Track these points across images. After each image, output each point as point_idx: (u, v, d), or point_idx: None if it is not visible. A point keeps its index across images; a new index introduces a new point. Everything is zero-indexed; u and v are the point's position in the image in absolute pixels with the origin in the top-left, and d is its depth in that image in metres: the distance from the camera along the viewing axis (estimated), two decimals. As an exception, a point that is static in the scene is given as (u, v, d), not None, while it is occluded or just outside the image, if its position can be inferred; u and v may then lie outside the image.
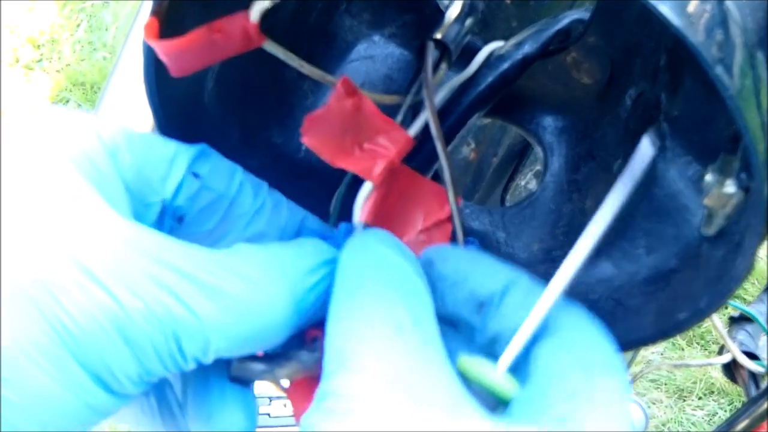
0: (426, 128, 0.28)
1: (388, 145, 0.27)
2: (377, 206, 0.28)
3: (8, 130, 0.22)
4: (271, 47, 0.26)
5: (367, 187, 0.28)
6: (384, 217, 0.28)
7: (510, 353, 0.23)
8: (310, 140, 0.27)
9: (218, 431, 0.24)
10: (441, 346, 0.22)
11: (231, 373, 0.24)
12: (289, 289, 0.23)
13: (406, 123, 0.29)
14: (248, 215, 0.27)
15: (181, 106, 0.28)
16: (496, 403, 0.23)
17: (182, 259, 0.21)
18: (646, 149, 0.25)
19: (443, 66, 0.30)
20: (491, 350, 0.24)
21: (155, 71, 0.26)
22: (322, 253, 0.25)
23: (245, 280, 0.22)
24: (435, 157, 0.29)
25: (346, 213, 0.29)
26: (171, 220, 0.26)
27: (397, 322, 0.21)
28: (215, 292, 0.21)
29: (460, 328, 0.25)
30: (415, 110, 0.30)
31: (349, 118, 0.27)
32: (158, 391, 0.25)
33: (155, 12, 0.23)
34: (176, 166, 0.25)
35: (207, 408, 0.24)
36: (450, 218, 0.29)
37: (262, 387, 0.92)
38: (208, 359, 0.22)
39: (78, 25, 1.73)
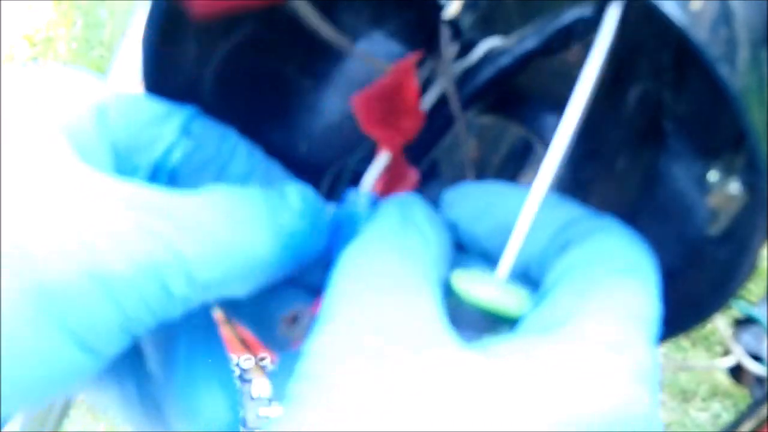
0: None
1: (408, 123, 0.28)
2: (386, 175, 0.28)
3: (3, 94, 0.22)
4: (298, 4, 0.26)
5: (383, 158, 0.28)
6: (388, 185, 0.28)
7: (506, 260, 0.22)
8: (358, 104, 0.27)
9: (205, 430, 0.24)
10: (430, 286, 0.21)
11: None
12: (270, 226, 0.23)
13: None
14: (241, 178, 0.26)
15: (180, 104, 0.27)
16: (493, 322, 0.21)
17: (158, 199, 0.21)
18: (613, 12, 0.24)
19: (454, 46, 0.30)
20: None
21: (153, 69, 0.26)
22: (307, 198, 0.24)
23: (225, 216, 0.22)
24: (430, 146, 0.29)
25: None
26: (163, 181, 0.25)
27: (388, 276, 0.21)
28: (194, 229, 0.21)
29: (493, 262, 0.24)
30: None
31: (394, 93, 0.27)
32: (139, 383, 0.25)
33: None
34: (168, 124, 0.25)
35: (193, 403, 0.24)
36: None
37: (260, 389, 0.92)
38: (197, 297, 0.22)
39: (74, 23, 1.72)
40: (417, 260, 0.22)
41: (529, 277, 0.23)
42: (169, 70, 0.27)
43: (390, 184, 0.28)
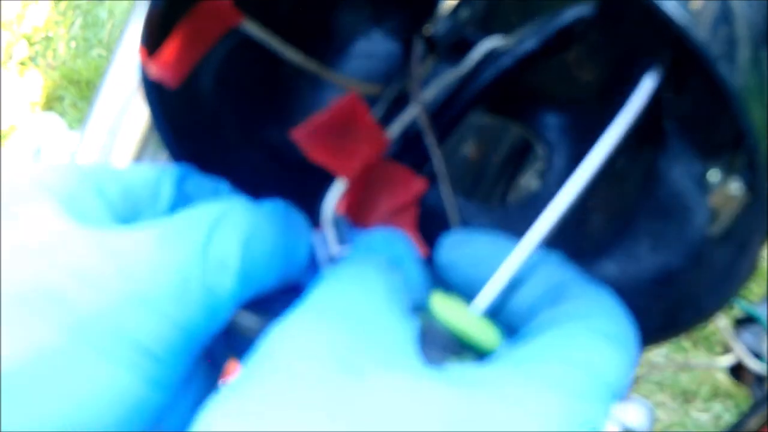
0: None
1: (365, 149, 0.28)
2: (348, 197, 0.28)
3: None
4: (250, 27, 0.26)
5: (340, 186, 0.28)
6: (353, 207, 0.28)
7: (487, 293, 0.22)
8: (299, 135, 0.28)
9: None
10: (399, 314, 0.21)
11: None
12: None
13: (388, 116, 0.30)
14: None
15: (179, 105, 0.27)
16: (461, 348, 0.21)
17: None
18: (647, 83, 0.24)
19: (429, 60, 0.30)
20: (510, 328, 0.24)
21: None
22: (278, 210, 0.25)
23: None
24: (447, 132, 0.29)
25: None
26: None
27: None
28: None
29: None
30: (399, 104, 0.30)
31: (342, 124, 0.28)
32: None
33: (144, 40, 0.24)
34: (163, 186, 0.25)
35: None
36: (414, 203, 0.29)
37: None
38: (239, 292, 0.22)
39: (73, 23, 1.72)
40: (391, 285, 0.22)
41: (510, 327, 0.24)
42: (167, 70, 0.27)
43: (385, 194, 0.29)
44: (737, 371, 0.66)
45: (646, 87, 0.24)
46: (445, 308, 0.22)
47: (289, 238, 0.24)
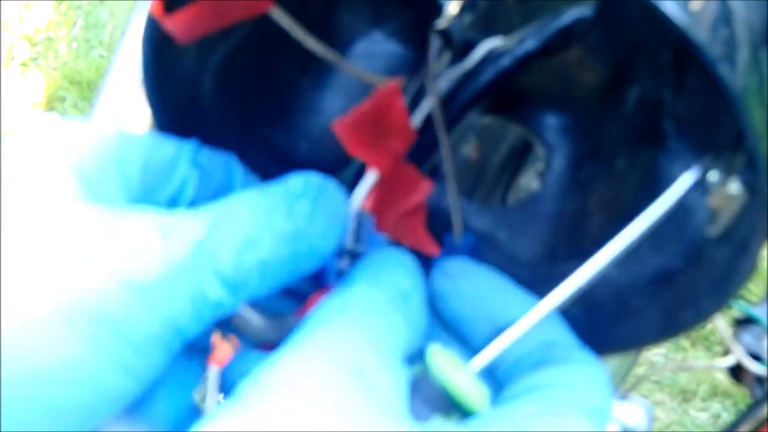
0: (423, 121, 0.29)
1: (397, 142, 0.28)
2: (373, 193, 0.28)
3: (11, 142, 0.22)
4: (277, 13, 0.26)
5: (370, 179, 0.28)
6: (376, 203, 0.28)
7: (485, 355, 0.23)
8: (340, 129, 0.27)
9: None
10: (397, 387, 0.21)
11: (232, 323, 0.23)
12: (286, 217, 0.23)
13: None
14: None
15: (180, 105, 0.27)
16: (449, 404, 0.22)
17: (179, 214, 0.22)
18: (685, 179, 0.25)
19: (445, 56, 0.30)
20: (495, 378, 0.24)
21: (154, 69, 0.26)
22: (311, 184, 0.24)
23: (246, 215, 0.22)
24: (431, 150, 0.29)
25: None
26: None
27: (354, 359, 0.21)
28: (221, 230, 0.22)
29: (474, 349, 0.25)
30: (414, 102, 0.30)
31: (380, 116, 0.27)
32: None
33: None
34: (180, 161, 0.25)
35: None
36: (421, 206, 0.29)
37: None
38: (230, 300, 0.22)
39: (74, 23, 1.72)
40: (391, 328, 0.22)
41: (492, 374, 0.24)
42: (169, 71, 0.27)
43: (399, 193, 0.29)
44: (737, 372, 0.66)
45: (683, 182, 0.25)
46: (442, 364, 0.22)
47: (305, 236, 0.23)
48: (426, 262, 0.27)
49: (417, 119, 0.29)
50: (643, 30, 0.28)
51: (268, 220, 0.23)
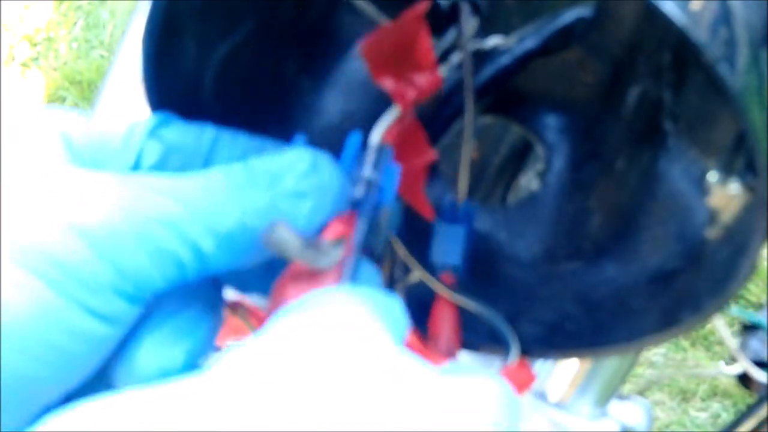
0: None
1: (423, 80, 0.27)
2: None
3: None
4: None
5: (394, 112, 0.27)
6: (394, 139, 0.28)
7: None
8: (366, 50, 0.27)
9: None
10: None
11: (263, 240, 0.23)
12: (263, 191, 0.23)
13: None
14: (233, 162, 0.26)
15: (180, 105, 0.27)
16: None
17: (145, 177, 0.22)
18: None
19: (475, 19, 0.29)
20: None
21: (154, 70, 0.26)
22: (306, 157, 0.24)
23: (215, 185, 0.22)
24: (448, 123, 0.29)
25: None
26: None
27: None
28: (187, 197, 0.22)
29: None
30: None
31: (404, 44, 0.27)
32: None
33: None
34: (133, 135, 0.25)
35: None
36: (422, 172, 0.29)
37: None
38: (198, 263, 0.22)
39: (75, 23, 1.72)
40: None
41: None
42: (169, 70, 0.27)
43: (401, 147, 0.28)
44: (745, 379, 0.66)
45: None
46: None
47: (283, 211, 0.23)
48: (422, 228, 0.27)
49: (444, 70, 0.28)
50: (643, 30, 0.28)
51: (241, 192, 0.23)
